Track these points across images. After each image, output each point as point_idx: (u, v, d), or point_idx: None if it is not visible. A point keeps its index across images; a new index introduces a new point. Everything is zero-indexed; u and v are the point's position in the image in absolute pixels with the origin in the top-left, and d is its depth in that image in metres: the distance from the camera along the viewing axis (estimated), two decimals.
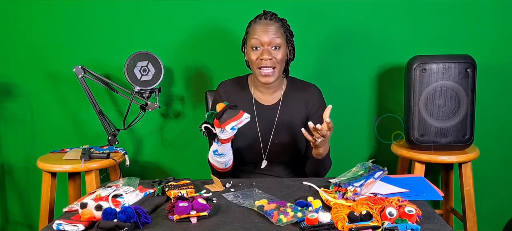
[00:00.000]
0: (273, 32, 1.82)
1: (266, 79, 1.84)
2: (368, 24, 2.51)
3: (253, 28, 1.86)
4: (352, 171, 1.58)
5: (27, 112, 2.67)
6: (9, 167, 2.74)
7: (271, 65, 1.83)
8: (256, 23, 1.86)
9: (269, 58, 1.81)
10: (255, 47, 1.83)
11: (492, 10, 2.47)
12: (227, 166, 1.82)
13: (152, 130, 2.66)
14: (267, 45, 1.82)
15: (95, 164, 2.19)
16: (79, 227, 1.28)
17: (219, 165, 1.81)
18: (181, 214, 1.32)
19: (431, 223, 1.29)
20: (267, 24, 1.84)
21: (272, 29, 1.83)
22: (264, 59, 1.81)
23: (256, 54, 1.83)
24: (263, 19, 1.87)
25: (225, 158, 1.77)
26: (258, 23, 1.86)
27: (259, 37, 1.82)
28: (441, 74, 2.15)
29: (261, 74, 1.84)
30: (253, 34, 1.84)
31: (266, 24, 1.84)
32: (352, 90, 2.57)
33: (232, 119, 1.59)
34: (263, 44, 1.82)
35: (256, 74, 1.87)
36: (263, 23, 1.85)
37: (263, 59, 1.81)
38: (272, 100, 1.95)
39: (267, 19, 1.86)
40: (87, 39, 2.57)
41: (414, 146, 2.22)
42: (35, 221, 2.77)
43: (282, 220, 1.28)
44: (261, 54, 1.82)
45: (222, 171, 1.85)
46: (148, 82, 2.36)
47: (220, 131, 1.63)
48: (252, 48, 1.84)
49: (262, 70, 1.83)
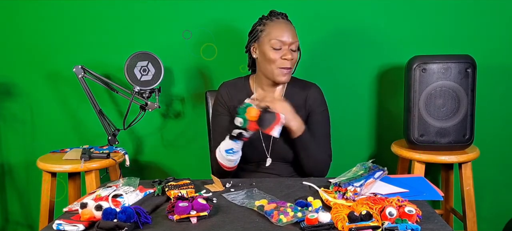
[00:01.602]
0: (293, 34, 1.85)
1: (285, 79, 1.87)
2: (368, 24, 2.51)
3: (272, 28, 1.85)
4: (352, 171, 1.58)
5: (27, 112, 2.67)
6: (9, 167, 2.74)
7: (291, 66, 1.86)
8: (274, 22, 1.86)
9: (291, 58, 1.83)
10: (276, 47, 1.83)
11: (492, 10, 2.47)
12: (235, 164, 1.83)
13: (152, 130, 2.66)
14: (288, 46, 1.83)
15: (95, 164, 2.19)
16: (79, 227, 1.28)
17: (229, 164, 1.81)
18: (181, 214, 1.32)
19: (431, 223, 1.29)
20: (287, 24, 1.86)
21: (292, 30, 1.86)
22: (287, 60, 1.83)
23: (279, 53, 1.83)
24: (280, 18, 1.88)
25: (237, 155, 1.79)
26: (276, 22, 1.86)
27: (283, 37, 1.83)
28: (441, 74, 2.15)
29: (282, 74, 1.85)
30: (275, 34, 1.83)
31: (285, 24, 1.86)
32: (352, 90, 2.57)
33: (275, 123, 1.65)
34: (286, 44, 1.83)
35: (274, 74, 1.86)
36: (282, 22, 1.86)
37: (286, 59, 1.82)
38: None
39: (285, 19, 1.88)
40: (87, 39, 2.57)
41: (414, 146, 2.22)
42: (35, 221, 2.77)
43: (282, 220, 1.28)
44: (284, 54, 1.83)
45: (229, 169, 1.85)
46: (148, 82, 2.36)
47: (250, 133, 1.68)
48: (274, 48, 1.84)
49: (283, 70, 1.84)
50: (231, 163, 1.82)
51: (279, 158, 1.93)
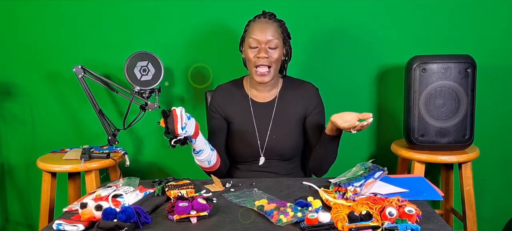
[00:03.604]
0: (271, 32, 1.85)
1: (261, 79, 1.86)
2: (368, 24, 2.51)
3: (251, 27, 1.88)
4: (352, 171, 1.58)
5: (27, 112, 2.67)
6: (9, 167, 2.74)
7: (267, 64, 1.85)
8: (255, 22, 1.89)
9: (266, 57, 1.83)
10: (252, 46, 1.85)
11: (492, 10, 2.46)
12: (210, 163, 1.83)
13: (152, 130, 2.66)
14: (264, 44, 1.84)
15: (95, 164, 2.19)
16: (79, 227, 1.28)
17: (203, 164, 1.83)
18: (181, 214, 1.32)
19: (431, 223, 1.29)
20: (266, 23, 1.87)
21: (270, 29, 1.85)
22: (261, 57, 1.83)
23: (253, 52, 1.85)
24: (262, 18, 1.90)
25: (204, 155, 1.78)
26: (256, 22, 1.88)
27: (257, 35, 1.84)
28: (441, 74, 2.15)
29: (257, 74, 1.86)
30: (251, 33, 1.86)
31: (264, 23, 1.86)
32: (352, 90, 2.57)
33: (175, 122, 1.61)
34: (261, 43, 1.84)
35: (252, 73, 1.88)
36: (262, 22, 1.87)
37: (260, 57, 1.83)
38: (268, 98, 1.97)
39: (266, 18, 1.89)
40: (87, 39, 2.57)
41: (414, 146, 2.22)
42: (35, 221, 2.77)
43: (282, 220, 1.28)
44: (258, 52, 1.84)
45: (209, 170, 1.87)
46: (148, 82, 2.36)
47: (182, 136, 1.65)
48: (250, 47, 1.86)
49: (258, 69, 1.85)
50: (204, 164, 1.83)
51: (274, 156, 1.93)
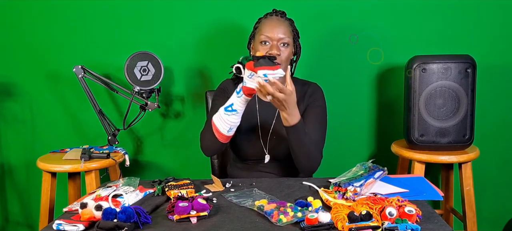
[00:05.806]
0: (282, 30, 1.85)
1: None
2: (368, 24, 2.51)
3: (263, 24, 1.88)
4: (352, 171, 1.58)
5: (27, 112, 2.67)
6: (9, 167, 2.74)
7: (278, 61, 1.83)
8: (266, 20, 1.89)
9: (277, 54, 1.82)
10: (264, 42, 1.84)
11: (492, 10, 2.47)
12: (230, 132, 1.73)
13: (152, 130, 2.66)
14: (276, 41, 1.84)
15: (95, 164, 2.19)
16: (79, 227, 1.28)
17: (225, 126, 1.71)
18: (181, 214, 1.32)
19: (431, 223, 1.29)
20: (278, 21, 1.87)
21: (281, 27, 1.86)
22: (272, 54, 1.82)
23: (265, 49, 1.84)
24: (274, 16, 1.90)
25: (236, 117, 1.69)
26: (268, 19, 1.89)
27: (269, 33, 1.84)
28: (441, 74, 2.15)
29: None
30: (263, 30, 1.86)
31: (276, 21, 1.87)
32: (352, 90, 2.57)
33: (268, 67, 1.55)
34: (273, 40, 1.84)
35: None
36: (274, 19, 1.88)
37: (272, 53, 1.82)
38: None
39: (278, 16, 1.90)
40: (87, 39, 2.57)
41: (414, 146, 2.22)
42: (35, 221, 2.77)
43: (282, 220, 1.28)
44: (270, 49, 1.83)
45: (221, 138, 1.75)
46: (148, 82, 2.36)
47: (249, 75, 1.59)
48: (261, 43, 1.85)
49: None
50: (226, 126, 1.70)
51: (278, 155, 1.93)
